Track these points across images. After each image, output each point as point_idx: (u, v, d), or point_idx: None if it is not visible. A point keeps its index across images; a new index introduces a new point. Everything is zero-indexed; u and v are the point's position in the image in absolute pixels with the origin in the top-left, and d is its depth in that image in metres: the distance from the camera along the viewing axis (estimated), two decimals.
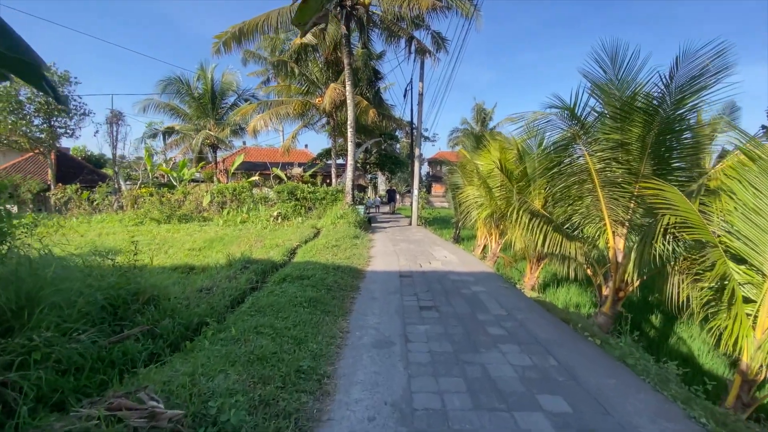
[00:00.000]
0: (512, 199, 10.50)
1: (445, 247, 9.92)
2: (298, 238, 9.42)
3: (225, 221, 13.55)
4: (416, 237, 12.11)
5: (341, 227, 11.27)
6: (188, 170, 16.69)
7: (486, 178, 11.95)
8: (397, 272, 6.63)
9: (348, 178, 13.87)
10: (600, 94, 6.81)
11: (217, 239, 9.95)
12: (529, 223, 7.47)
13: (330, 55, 16.05)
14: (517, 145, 10.32)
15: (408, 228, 14.96)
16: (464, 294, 5.27)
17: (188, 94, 20.46)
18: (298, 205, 15.18)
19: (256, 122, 15.20)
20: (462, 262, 7.84)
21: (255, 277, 5.53)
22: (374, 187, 41.98)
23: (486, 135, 13.51)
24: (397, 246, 9.78)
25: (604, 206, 7.02)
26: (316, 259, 6.84)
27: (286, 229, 11.94)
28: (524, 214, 7.54)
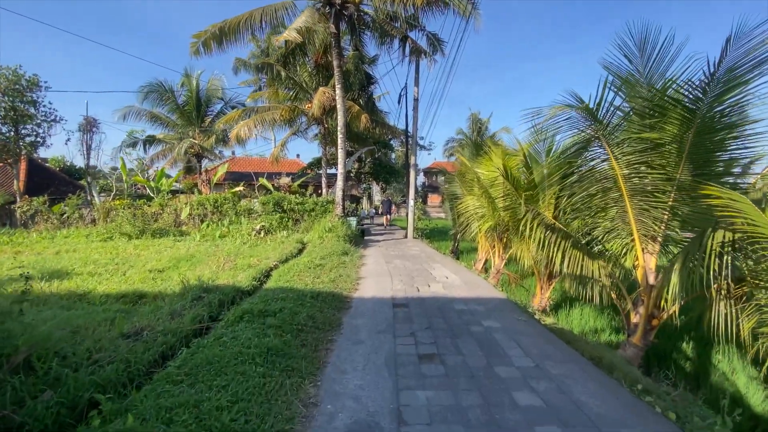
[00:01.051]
0: (518, 210, 9.47)
1: (445, 265, 8.79)
2: (279, 255, 8.26)
3: (203, 236, 12.36)
4: (412, 252, 10.98)
5: (329, 242, 10.13)
6: (167, 180, 15.53)
7: (488, 187, 10.93)
8: (390, 299, 5.49)
9: (338, 187, 12.78)
10: (625, 88, 5.83)
11: (186, 257, 8.76)
12: (544, 238, 6.39)
13: (320, 58, 15.13)
14: (524, 150, 9.32)
15: (403, 241, 13.84)
16: (475, 333, 4.13)
17: (171, 101, 19.42)
18: (284, 217, 14.03)
19: (240, 129, 14.13)
20: (466, 284, 6.71)
21: (207, 312, 4.36)
22: (368, 197, 40.93)
23: (488, 141, 12.54)
24: (392, 263, 8.64)
25: (632, 218, 5.95)
26: (292, 284, 5.69)
27: (268, 244, 10.77)
28: (538, 227, 6.46)
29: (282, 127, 16.30)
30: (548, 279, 9.13)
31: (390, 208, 20.53)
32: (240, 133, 14.08)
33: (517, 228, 9.43)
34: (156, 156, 24.17)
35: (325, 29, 11.83)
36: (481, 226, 11.23)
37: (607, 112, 5.46)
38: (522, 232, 8.17)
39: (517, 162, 10.40)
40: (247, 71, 19.83)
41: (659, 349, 7.17)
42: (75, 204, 14.72)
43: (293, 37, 9.84)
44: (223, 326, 3.70)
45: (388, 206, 20.58)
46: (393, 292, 5.92)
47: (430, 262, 9.02)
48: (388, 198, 21.65)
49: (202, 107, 20.60)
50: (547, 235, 6.30)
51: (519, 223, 9.98)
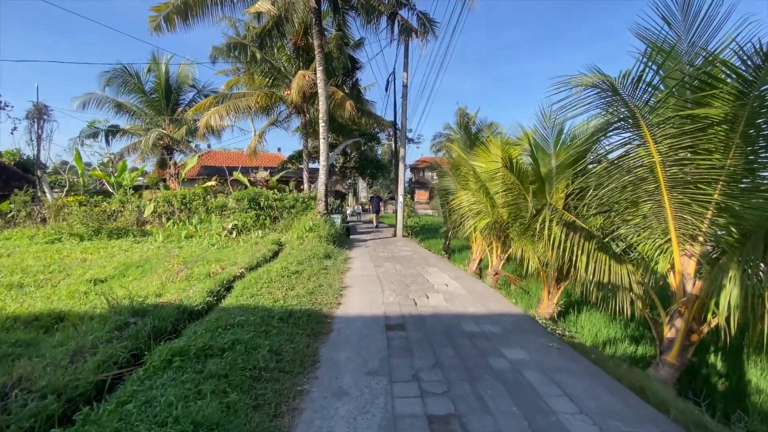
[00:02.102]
0: (522, 206, 8.46)
1: (442, 268, 7.72)
2: (248, 259, 7.02)
3: (167, 236, 10.94)
4: (403, 252, 9.87)
5: (310, 243, 8.92)
6: (130, 174, 13.96)
7: (485, 181, 9.91)
8: (381, 318, 4.35)
9: (321, 182, 11.54)
10: (661, 57, 4.83)
11: (138, 263, 7.42)
12: (564, 238, 5.37)
13: (299, 40, 13.78)
14: (529, 137, 8.31)
15: (392, 241, 12.73)
16: (499, 371, 3.04)
17: (138, 89, 17.71)
18: (261, 215, 12.70)
19: (210, 117, 12.68)
20: (471, 293, 5.64)
21: (131, 348, 3.14)
22: (354, 193, 39.65)
23: (485, 129, 11.53)
24: (381, 267, 7.51)
25: (670, 214, 4.96)
26: (257, 300, 4.49)
27: (239, 245, 9.48)
28: (558, 226, 5.42)
29: (259, 116, 14.90)
30: (556, 282, 8.18)
31: (379, 205, 18.99)
32: (210, 122, 12.63)
33: (524, 226, 8.45)
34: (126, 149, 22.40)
35: (304, 4, 10.55)
36: (477, 224, 10.21)
37: (648, 85, 4.45)
38: (534, 231, 7.16)
39: (518, 152, 9.42)
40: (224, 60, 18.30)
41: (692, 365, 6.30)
42: (22, 201, 13.02)
43: (266, 9, 8.56)
44: (138, 380, 2.49)
45: (377, 203, 18.83)
46: (385, 306, 4.78)
47: (425, 265, 7.93)
48: (377, 194, 20.03)
49: (172, 95, 18.94)
50: (568, 235, 5.27)
51: (521, 220, 9.00)
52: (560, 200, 7.69)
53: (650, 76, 4.49)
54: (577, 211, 6.46)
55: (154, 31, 10.87)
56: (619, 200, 5.34)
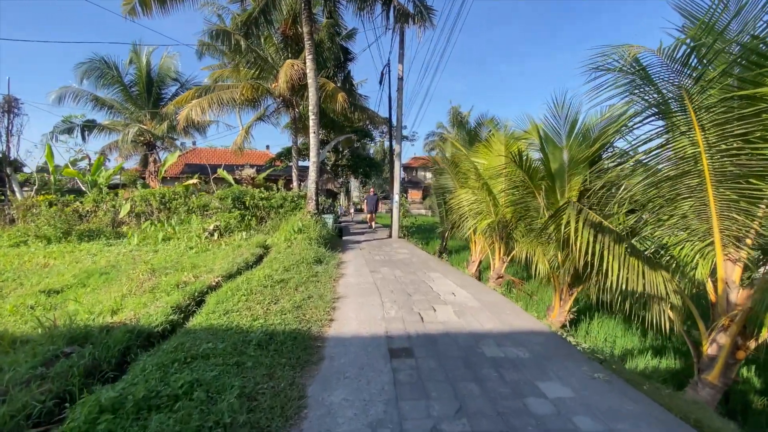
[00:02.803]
0: (531, 204, 7.81)
1: (446, 273, 7.00)
2: (228, 266, 6.20)
3: (142, 239, 10.03)
4: (401, 255, 9.13)
5: (299, 245, 8.11)
6: (105, 172, 12.97)
7: (487, 179, 9.24)
8: (383, 339, 3.60)
9: (311, 180, 10.73)
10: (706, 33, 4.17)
11: (103, 270, 6.55)
12: (594, 241, 4.67)
13: (288, 29, 12.94)
14: (538, 129, 7.64)
15: (388, 242, 11.99)
16: (542, 417, 2.32)
17: (117, 81, 16.65)
18: (246, 215, 11.84)
19: (191, 110, 11.76)
20: (484, 304, 4.92)
21: (51, 395, 2.34)
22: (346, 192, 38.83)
23: (487, 123, 10.85)
24: (378, 273, 6.75)
25: (714, 213, 4.30)
26: (232, 319, 3.70)
27: (221, 249, 8.64)
28: (585, 228, 4.73)
29: (244, 109, 14.02)
30: (569, 288, 7.53)
31: (376, 204, 16.95)
32: (191, 115, 11.72)
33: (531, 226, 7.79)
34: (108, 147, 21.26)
35: None
36: (477, 225, 9.54)
37: (701, 60, 3.76)
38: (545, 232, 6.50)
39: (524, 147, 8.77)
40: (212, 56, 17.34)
41: None
42: None
43: None
44: None
45: (374, 203, 16.79)
46: (386, 323, 4.03)
47: (426, 270, 7.19)
48: (374, 192, 17.59)
49: (153, 89, 17.90)
50: (596, 238, 4.57)
51: (528, 220, 8.35)
52: (573, 198, 7.02)
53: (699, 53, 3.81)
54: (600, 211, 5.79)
55: (128, 15, 9.94)
56: (653, 198, 4.68)
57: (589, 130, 7.22)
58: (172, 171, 21.89)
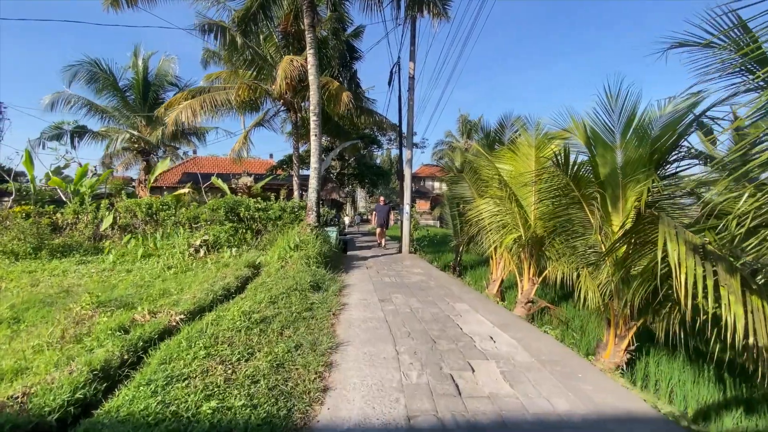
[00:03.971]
0: (576, 217, 6.48)
1: (474, 303, 5.64)
2: (202, 295, 4.93)
3: (120, 255, 8.84)
4: (415, 276, 7.79)
5: (294, 266, 6.84)
6: (89, 181, 11.91)
7: (514, 187, 7.94)
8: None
9: (311, 188, 9.51)
10: None
11: (49, 299, 5.32)
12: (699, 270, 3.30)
13: (289, 25, 11.89)
14: (585, 126, 6.33)
15: (398, 258, 10.66)
16: None
17: (111, 86, 15.75)
18: (240, 228, 10.64)
19: (181, 112, 10.69)
20: (542, 361, 3.57)
21: None
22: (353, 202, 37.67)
23: (514, 122, 9.56)
24: (389, 302, 5.43)
25: None
26: (173, 395, 2.41)
27: (204, 268, 7.40)
28: (689, 254, 3.36)
29: (241, 113, 12.94)
30: (625, 322, 6.12)
31: (387, 216, 14.02)
32: (180, 118, 10.64)
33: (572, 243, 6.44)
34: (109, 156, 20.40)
35: None
36: (503, 239, 8.21)
37: None
38: (593, 251, 5.15)
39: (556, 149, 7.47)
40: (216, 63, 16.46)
41: None
42: None
43: None
44: None
45: (385, 214, 13.79)
46: (406, 398, 2.70)
47: (448, 299, 5.84)
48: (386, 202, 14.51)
49: (150, 94, 17.00)
50: (705, 268, 3.22)
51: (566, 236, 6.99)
52: (631, 211, 5.65)
53: None
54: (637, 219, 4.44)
55: (112, 7, 8.95)
56: None
57: (648, 124, 5.90)
58: (168, 180, 20.92)
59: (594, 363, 4.56)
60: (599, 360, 5.62)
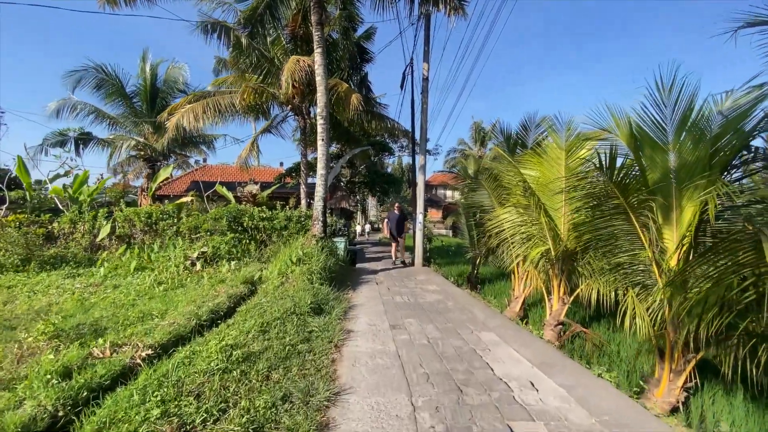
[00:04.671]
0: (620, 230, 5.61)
1: (503, 333, 4.76)
2: (183, 321, 4.20)
3: (112, 268, 8.23)
4: (430, 295, 6.94)
5: (295, 283, 6.08)
6: (89, 188, 11.47)
7: (541, 196, 7.07)
8: None
9: (318, 196, 8.80)
10: None
11: (12, 322, 4.66)
12: None
13: (298, 27, 11.37)
14: (631, 124, 5.48)
15: (411, 272, 9.83)
16: None
17: (117, 92, 15.49)
18: (243, 238, 9.98)
19: (182, 116, 10.17)
20: (605, 422, 2.71)
21: None
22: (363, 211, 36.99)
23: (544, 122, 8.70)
24: (402, 330, 4.61)
25: None
26: None
27: (199, 283, 6.70)
28: None
29: (246, 118, 12.41)
30: (683, 354, 5.16)
31: (402, 226, 11.71)
32: (182, 122, 10.12)
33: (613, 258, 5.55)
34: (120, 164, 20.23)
35: None
36: (528, 253, 7.32)
37: None
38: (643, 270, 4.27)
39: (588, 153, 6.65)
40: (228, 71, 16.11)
41: None
42: None
43: None
44: None
45: (399, 223, 11.50)
46: None
47: (472, 325, 4.98)
48: (401, 210, 11.94)
49: (158, 101, 16.71)
50: None
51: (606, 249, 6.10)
52: (692, 223, 4.74)
53: None
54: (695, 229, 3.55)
55: (107, 5, 8.51)
56: None
57: (707, 119, 5.01)
58: (176, 189, 20.57)
59: (645, 402, 3.65)
60: (650, 399, 4.68)
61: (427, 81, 10.67)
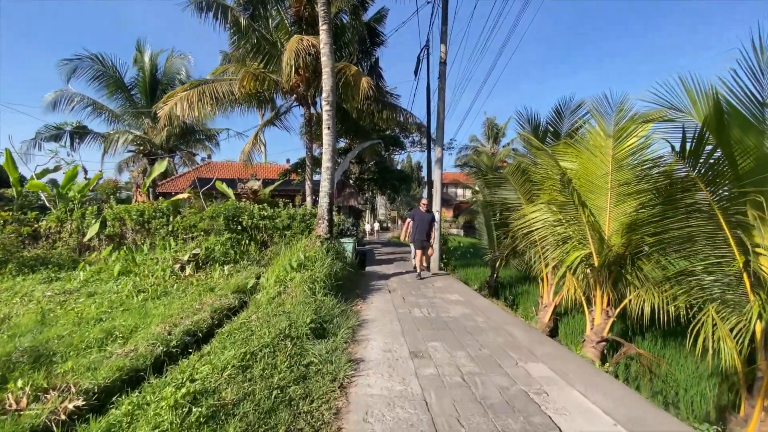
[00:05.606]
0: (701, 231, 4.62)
1: (564, 369, 3.69)
2: (146, 349, 3.26)
3: (96, 271, 7.38)
4: (455, 309, 5.89)
5: (294, 293, 5.10)
6: (78, 185, 10.70)
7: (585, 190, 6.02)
8: None
9: (323, 191, 7.82)
10: None
11: None
12: None
13: (303, 8, 10.40)
14: (714, 96, 4.35)
15: (427, 278, 8.79)
16: None
17: (115, 84, 14.73)
18: (242, 239, 9.07)
19: (175, 105, 9.29)
20: None
21: None
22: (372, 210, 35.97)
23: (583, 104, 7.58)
24: (427, 363, 3.59)
25: None
26: None
27: (186, 291, 5.78)
28: None
29: (247, 107, 11.48)
30: None
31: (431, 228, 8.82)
32: (176, 111, 9.23)
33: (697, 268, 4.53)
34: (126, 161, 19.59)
35: None
36: (564, 257, 6.27)
37: None
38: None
39: (636, 141, 5.62)
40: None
41: None
42: None
43: None
44: None
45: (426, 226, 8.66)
46: None
47: (516, 354, 3.92)
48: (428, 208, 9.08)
49: (158, 94, 15.91)
50: None
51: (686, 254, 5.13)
52: None
53: None
54: None
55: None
56: None
57: None
58: (180, 186, 19.84)
59: None
60: None
61: (445, 65, 9.60)
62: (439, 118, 9.73)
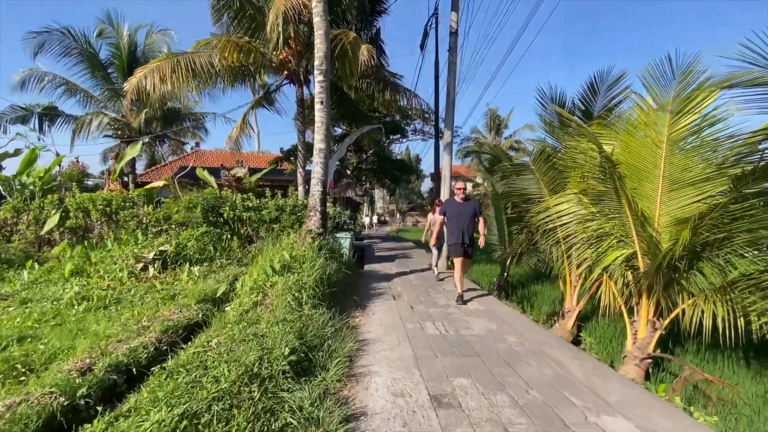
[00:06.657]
0: None
1: (647, 425, 2.61)
2: (40, 403, 2.14)
3: (45, 271, 6.20)
4: (477, 323, 4.78)
5: (273, 306, 3.96)
6: (38, 172, 9.43)
7: (631, 177, 4.91)
8: None
9: (315, 178, 6.64)
10: None
11: None
12: None
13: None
14: None
15: (434, 281, 7.69)
16: None
17: (87, 60, 13.36)
18: (222, 233, 7.90)
19: (143, 77, 8.03)
20: None
21: None
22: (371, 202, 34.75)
23: (624, 76, 6.41)
24: (458, 416, 2.50)
25: None
26: None
27: (141, 301, 4.64)
28: None
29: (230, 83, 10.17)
30: None
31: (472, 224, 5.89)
32: (144, 83, 7.98)
33: None
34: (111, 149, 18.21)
35: None
36: (601, 257, 5.22)
37: None
38: None
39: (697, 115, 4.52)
40: None
41: None
42: None
43: None
44: None
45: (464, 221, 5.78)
46: None
47: (579, 400, 2.81)
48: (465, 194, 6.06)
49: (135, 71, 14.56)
50: None
51: None
52: None
53: None
54: None
55: None
56: None
57: None
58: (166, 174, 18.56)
59: None
60: None
61: (456, 36, 8.39)
62: (449, 97, 8.53)
